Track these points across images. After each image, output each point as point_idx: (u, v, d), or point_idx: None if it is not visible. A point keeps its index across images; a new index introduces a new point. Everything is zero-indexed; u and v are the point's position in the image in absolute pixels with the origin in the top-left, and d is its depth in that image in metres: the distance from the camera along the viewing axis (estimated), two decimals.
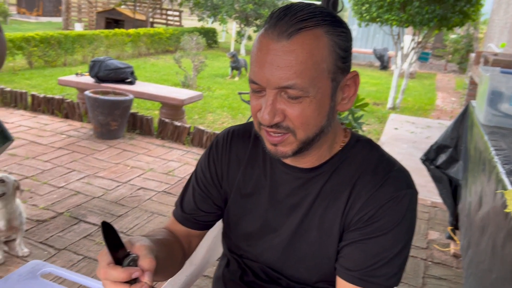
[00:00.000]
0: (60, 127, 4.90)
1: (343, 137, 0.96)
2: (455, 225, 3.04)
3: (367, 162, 0.92)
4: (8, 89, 5.52)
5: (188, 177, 1.13)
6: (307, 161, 0.93)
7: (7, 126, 4.75)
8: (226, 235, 1.10)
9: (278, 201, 0.97)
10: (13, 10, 18.99)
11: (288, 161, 0.95)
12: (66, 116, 5.26)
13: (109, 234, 0.69)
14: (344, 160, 0.94)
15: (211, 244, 1.44)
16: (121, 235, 0.72)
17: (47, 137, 4.54)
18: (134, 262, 0.70)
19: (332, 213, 0.92)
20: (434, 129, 6.37)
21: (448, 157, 2.90)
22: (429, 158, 3.02)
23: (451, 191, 2.93)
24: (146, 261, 0.70)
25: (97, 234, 2.82)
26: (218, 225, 1.39)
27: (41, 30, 10.23)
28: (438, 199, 3.28)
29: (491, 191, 1.68)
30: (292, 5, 0.82)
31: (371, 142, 0.97)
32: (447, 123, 6.69)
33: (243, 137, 1.05)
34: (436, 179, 3.01)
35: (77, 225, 2.91)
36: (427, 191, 3.89)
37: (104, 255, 0.70)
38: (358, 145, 0.95)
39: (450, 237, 3.09)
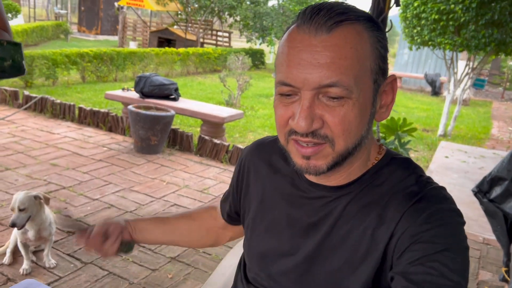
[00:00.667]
0: (103, 140, 4.98)
1: (377, 154, 0.83)
2: (510, 266, 2.74)
3: (402, 182, 0.78)
4: (58, 101, 5.72)
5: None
6: (335, 179, 0.81)
7: (53, 137, 4.86)
8: (243, 256, 1.01)
9: (295, 221, 0.86)
10: (74, 28, 20.11)
11: (313, 178, 0.83)
12: (110, 130, 5.35)
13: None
14: (375, 178, 0.80)
15: (231, 271, 1.32)
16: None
17: (89, 149, 4.62)
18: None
19: (357, 237, 0.77)
20: (488, 160, 5.96)
21: (504, 190, 2.63)
22: (482, 190, 2.75)
23: (507, 228, 2.64)
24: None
25: None
26: (238, 252, 1.27)
27: (97, 47, 10.68)
28: (491, 236, 2.99)
29: None
30: (325, 2, 0.73)
31: (408, 161, 0.83)
32: (504, 153, 6.25)
33: (268, 150, 0.97)
34: (489, 214, 2.73)
35: None
36: (479, 226, 3.57)
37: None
38: (392, 163, 0.82)
39: (504, 280, 2.78)
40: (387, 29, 2.62)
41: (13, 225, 2.30)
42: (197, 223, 1.13)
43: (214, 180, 4.17)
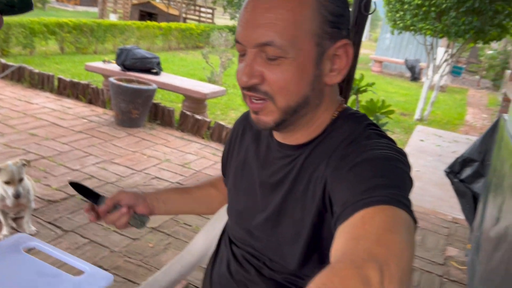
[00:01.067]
0: (83, 112, 4.93)
1: (336, 111, 0.88)
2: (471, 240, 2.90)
3: (352, 132, 0.82)
4: (37, 71, 5.61)
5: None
6: (296, 138, 0.87)
7: (31, 106, 4.76)
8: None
9: (265, 179, 0.93)
10: None
11: (279, 138, 0.91)
12: (90, 102, 5.30)
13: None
14: (330, 131, 0.86)
15: (210, 235, 1.37)
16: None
17: (68, 120, 4.58)
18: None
19: (313, 187, 0.83)
20: (461, 144, 6.15)
21: (474, 171, 2.76)
22: (453, 171, 2.88)
23: (474, 207, 2.78)
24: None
25: None
26: (219, 216, 1.32)
27: (77, 18, 10.42)
28: (460, 215, 3.14)
29: None
30: None
31: (363, 115, 0.88)
32: (476, 139, 6.45)
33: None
34: (459, 194, 2.87)
35: None
36: (449, 206, 3.73)
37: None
38: (347, 117, 0.87)
39: None
40: (370, 11, 2.66)
41: (18, 196, 2.35)
42: (218, 191, 1.20)
43: (195, 155, 4.21)
